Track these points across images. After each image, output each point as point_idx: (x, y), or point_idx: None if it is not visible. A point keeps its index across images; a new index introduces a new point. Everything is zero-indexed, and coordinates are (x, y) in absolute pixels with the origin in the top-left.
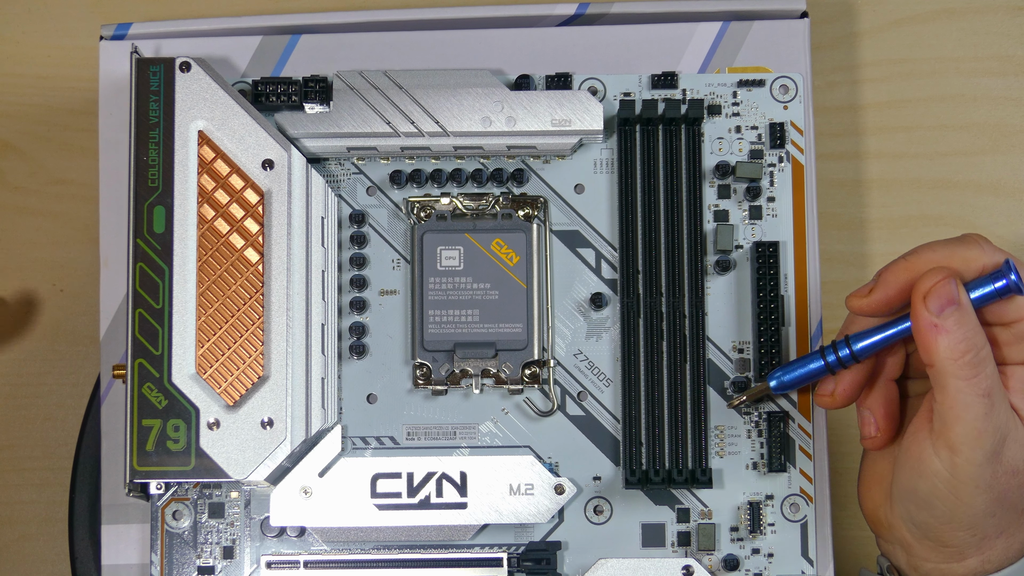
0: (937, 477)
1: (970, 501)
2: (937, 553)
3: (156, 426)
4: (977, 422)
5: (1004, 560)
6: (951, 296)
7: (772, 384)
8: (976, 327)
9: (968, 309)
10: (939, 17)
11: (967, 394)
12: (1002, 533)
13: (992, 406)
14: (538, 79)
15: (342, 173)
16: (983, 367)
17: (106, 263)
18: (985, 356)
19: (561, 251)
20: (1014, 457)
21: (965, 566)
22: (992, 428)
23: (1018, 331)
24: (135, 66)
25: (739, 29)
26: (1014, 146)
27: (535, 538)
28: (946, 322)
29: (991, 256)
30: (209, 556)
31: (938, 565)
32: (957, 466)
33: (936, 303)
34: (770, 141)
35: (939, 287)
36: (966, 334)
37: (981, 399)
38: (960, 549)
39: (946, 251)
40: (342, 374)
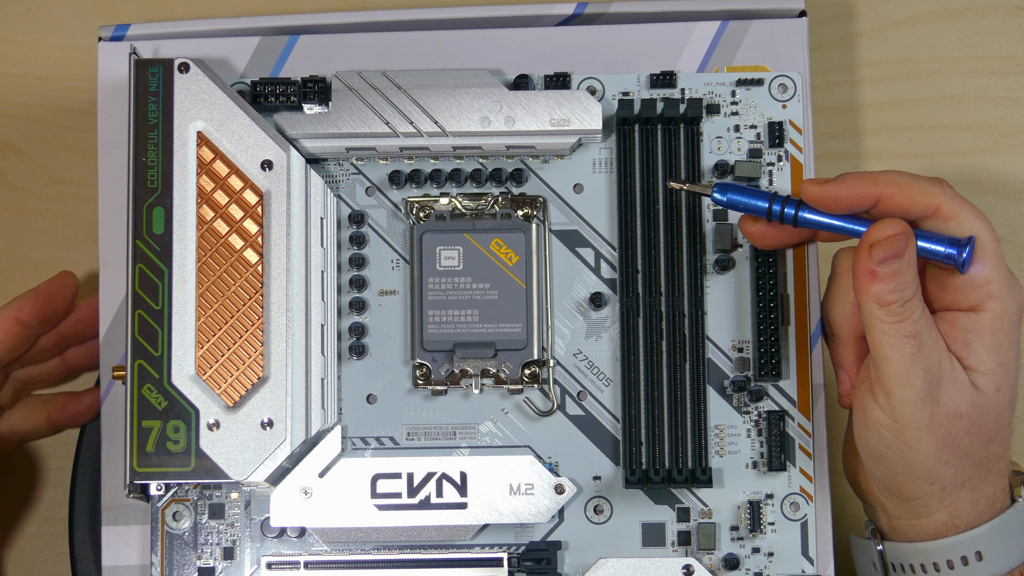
0: (880, 424)
1: (916, 445)
2: (904, 509)
3: (156, 427)
4: (904, 361)
5: (973, 516)
6: (897, 251)
7: (715, 193)
8: (911, 279)
9: (910, 263)
10: (939, 17)
11: (892, 335)
12: (963, 484)
13: (920, 347)
14: (537, 79)
15: (341, 173)
16: (909, 313)
17: (106, 264)
18: (914, 305)
19: (560, 251)
20: (953, 400)
21: (934, 520)
22: (921, 368)
23: (967, 277)
24: (134, 67)
25: (737, 28)
26: (1014, 146)
27: (535, 538)
28: (883, 270)
29: (949, 203)
30: (209, 557)
31: (910, 522)
32: (894, 409)
33: (881, 253)
34: (769, 140)
35: (890, 241)
36: (898, 285)
37: (907, 340)
38: (924, 501)
39: (909, 179)
40: (342, 374)
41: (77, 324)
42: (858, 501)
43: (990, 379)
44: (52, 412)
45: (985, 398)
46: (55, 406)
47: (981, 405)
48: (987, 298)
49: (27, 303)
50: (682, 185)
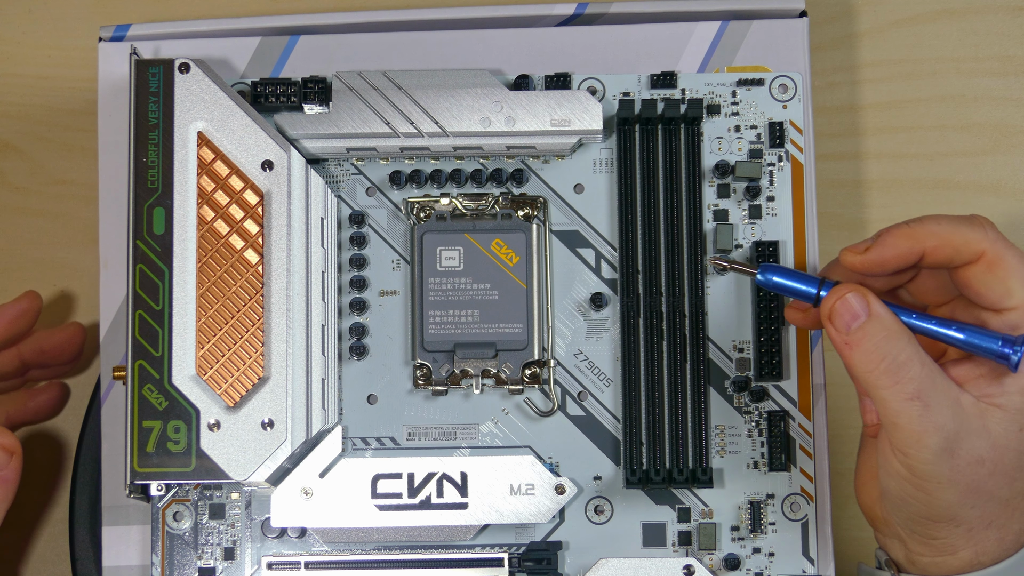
0: (900, 476)
1: (939, 496)
2: (928, 547)
3: (156, 427)
4: (912, 425)
5: (999, 552)
6: (854, 313)
7: (759, 276)
8: (891, 333)
9: (879, 317)
10: (939, 17)
11: (893, 401)
12: (990, 524)
13: (926, 407)
14: (537, 79)
15: (341, 174)
16: (903, 372)
17: (106, 264)
18: (905, 360)
19: (561, 251)
20: (973, 448)
21: (959, 559)
22: (932, 428)
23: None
24: (134, 67)
25: (738, 28)
26: (1014, 146)
27: (536, 538)
28: (853, 337)
29: (992, 245)
30: (210, 557)
31: (933, 559)
32: (912, 467)
33: (840, 321)
34: (769, 140)
35: (839, 306)
36: (876, 344)
37: (910, 403)
38: (949, 542)
39: (949, 227)
40: (342, 375)
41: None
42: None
43: (1014, 418)
44: (11, 412)
45: (1006, 437)
46: (14, 405)
47: (1002, 445)
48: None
49: None
50: (726, 264)
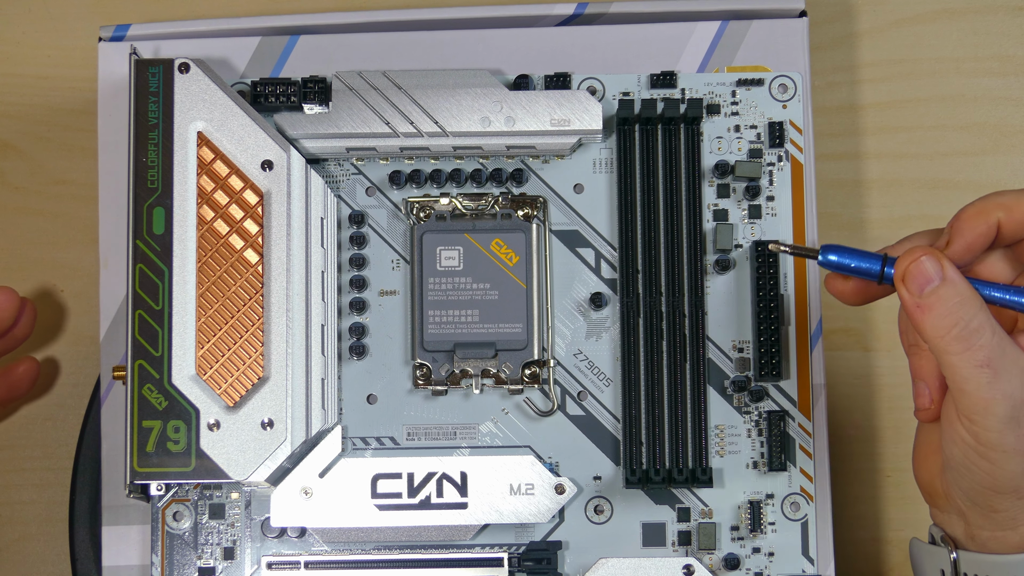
0: (966, 443)
1: (1004, 465)
2: (989, 520)
3: (156, 427)
4: (981, 392)
5: None
6: (928, 276)
7: (820, 257)
8: (964, 299)
9: (953, 282)
10: (939, 17)
11: (963, 367)
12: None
13: (995, 374)
14: (537, 79)
15: (341, 174)
16: (975, 339)
17: (106, 264)
18: (977, 326)
19: (561, 251)
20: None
21: (1019, 533)
22: (1001, 396)
23: None
24: (134, 67)
25: (738, 28)
26: (1014, 146)
27: (536, 538)
28: (927, 300)
29: None
30: (210, 557)
31: (994, 533)
32: (977, 434)
33: (914, 285)
34: (769, 140)
35: (913, 268)
36: (950, 309)
37: (979, 370)
38: (1011, 515)
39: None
40: (342, 375)
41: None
42: (858, 501)
43: None
44: None
45: None
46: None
47: None
48: None
49: None
50: (786, 249)
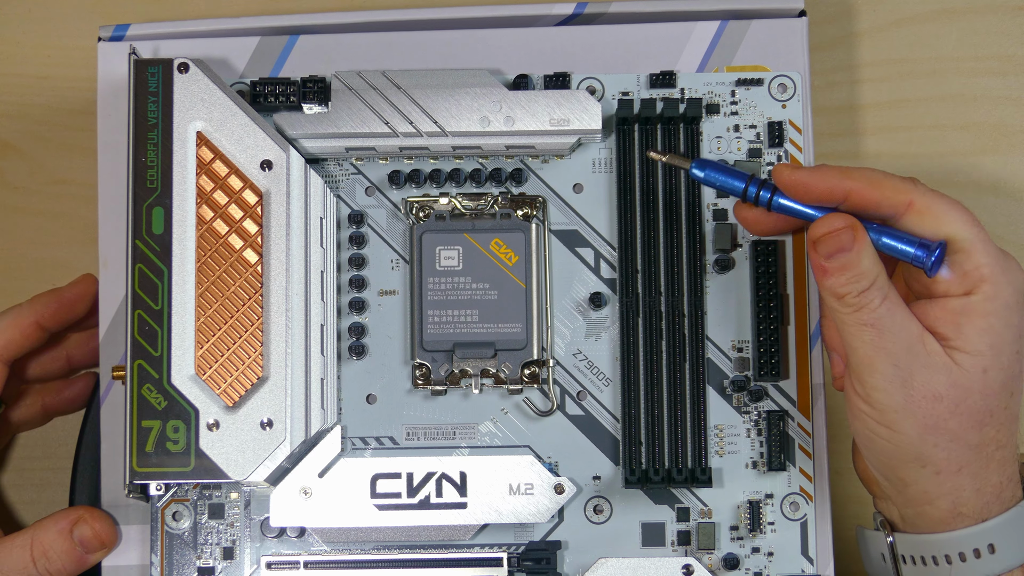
0: (863, 412)
1: (897, 428)
2: (905, 496)
3: (156, 427)
4: (866, 348)
5: (979, 505)
6: (843, 245)
7: (693, 168)
8: (866, 269)
9: (861, 254)
10: (939, 17)
11: (851, 325)
12: (961, 469)
13: (880, 333)
14: (536, 79)
15: (341, 173)
16: (865, 301)
17: (105, 264)
18: (871, 294)
19: (560, 251)
20: (928, 381)
21: (937, 508)
22: (884, 353)
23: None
24: (133, 67)
25: (737, 28)
26: (1014, 146)
27: (535, 538)
28: (832, 265)
29: (922, 199)
30: (209, 557)
31: (915, 509)
32: (868, 396)
33: (825, 248)
34: (768, 140)
35: (831, 236)
36: (850, 277)
37: (865, 328)
38: (921, 487)
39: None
40: (341, 374)
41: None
42: (858, 501)
43: (977, 360)
44: (47, 399)
45: (968, 377)
46: (49, 393)
47: (963, 385)
48: (979, 281)
49: (49, 307)
50: (661, 156)
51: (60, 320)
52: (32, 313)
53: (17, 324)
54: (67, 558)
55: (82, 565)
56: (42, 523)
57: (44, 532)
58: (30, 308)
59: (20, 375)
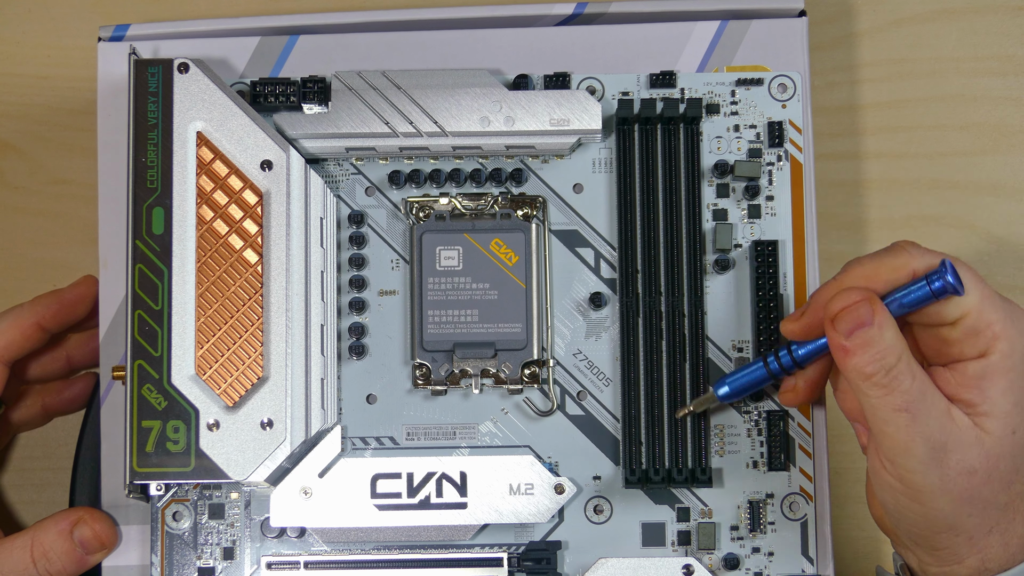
0: (893, 488)
1: (932, 505)
2: (934, 557)
3: (156, 427)
4: (899, 435)
5: (1005, 558)
6: (859, 320)
7: (719, 392)
8: (890, 345)
9: (883, 327)
10: (939, 17)
11: (883, 410)
12: (992, 530)
13: (914, 418)
14: (536, 79)
15: (341, 173)
16: (897, 383)
17: (105, 264)
18: (900, 372)
19: (560, 251)
20: (963, 459)
21: (966, 567)
22: (920, 438)
23: (966, 327)
24: (133, 67)
25: (737, 28)
26: (1014, 146)
27: (535, 538)
28: (853, 343)
29: (921, 260)
30: (209, 557)
31: (941, 569)
32: (901, 477)
33: (844, 326)
34: (768, 140)
35: (848, 311)
36: (875, 355)
37: (898, 414)
38: (953, 551)
39: (873, 264)
40: (342, 375)
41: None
42: (858, 501)
43: (1006, 422)
44: (47, 400)
45: (1000, 445)
46: (50, 393)
47: (995, 453)
48: (993, 340)
49: (50, 308)
50: (689, 409)
51: (61, 321)
52: (33, 314)
53: (18, 325)
54: (67, 559)
55: (82, 566)
56: (42, 524)
57: (44, 533)
58: (31, 309)
59: (20, 376)
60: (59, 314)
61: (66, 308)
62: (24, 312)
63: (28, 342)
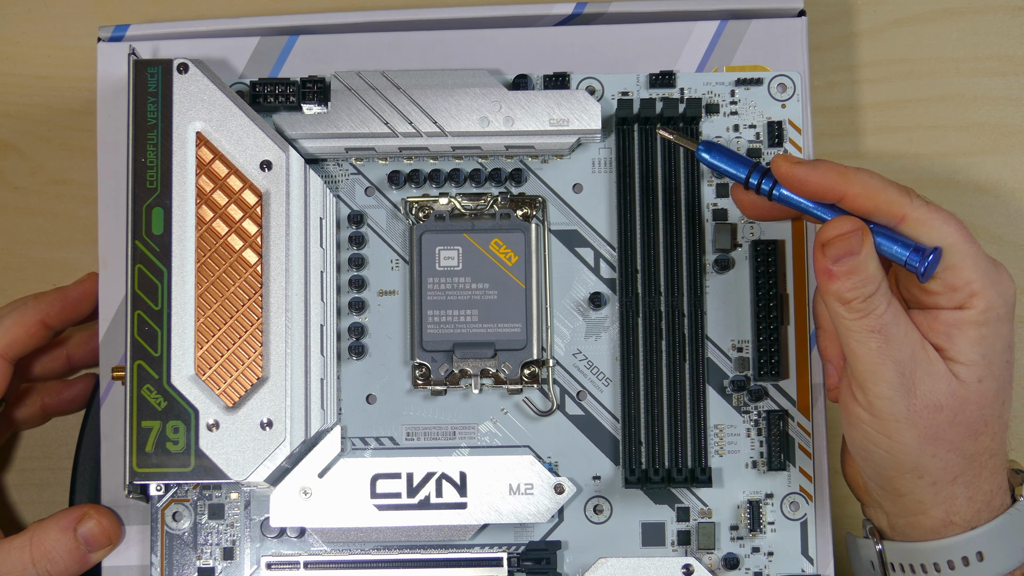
0: (861, 421)
1: (897, 438)
2: (899, 506)
3: (155, 427)
4: (872, 355)
5: (971, 513)
6: (851, 249)
7: (700, 148)
8: (872, 274)
9: (867, 259)
10: (939, 17)
11: (857, 331)
12: (956, 479)
13: (887, 340)
14: (536, 79)
15: (340, 174)
16: (872, 307)
17: (105, 265)
18: (876, 300)
19: (560, 251)
20: (931, 391)
21: (930, 517)
22: (891, 361)
23: (945, 281)
24: (133, 68)
25: (737, 28)
26: (1014, 146)
27: (535, 538)
28: (839, 268)
29: (916, 212)
30: (209, 557)
31: (907, 519)
32: (871, 403)
33: (834, 252)
34: (768, 140)
35: (841, 240)
36: (857, 282)
37: (872, 335)
38: (916, 497)
39: (879, 182)
40: (341, 375)
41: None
42: (857, 501)
43: (972, 370)
44: (46, 399)
45: (966, 388)
46: (48, 393)
47: (962, 395)
48: (970, 296)
49: (55, 306)
50: (670, 135)
51: (65, 319)
52: (37, 311)
53: (22, 322)
54: (70, 558)
55: (84, 565)
56: (42, 524)
57: (45, 532)
58: (35, 306)
59: (21, 374)
60: (63, 311)
61: (70, 305)
62: (28, 309)
63: (32, 339)
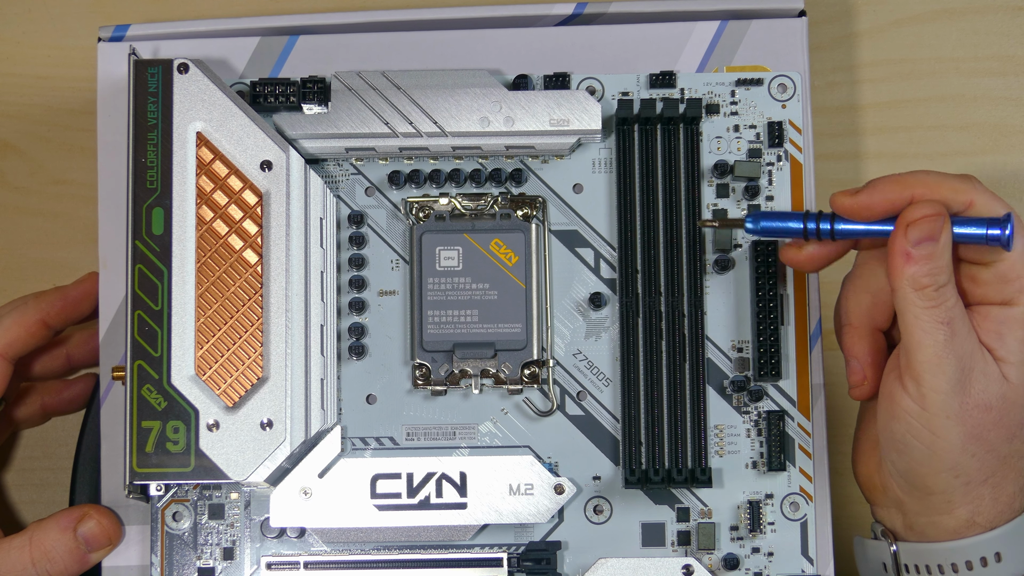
0: (909, 413)
1: (944, 434)
2: (926, 504)
3: (155, 427)
4: (937, 347)
5: (993, 514)
6: (933, 233)
7: (748, 223)
8: (946, 265)
9: (945, 247)
10: (939, 17)
11: (926, 321)
12: (987, 480)
13: (953, 334)
14: (536, 79)
15: (340, 174)
16: (943, 299)
17: (105, 265)
18: (948, 291)
19: (560, 251)
20: (983, 391)
21: (955, 517)
22: (954, 356)
23: (997, 272)
24: (133, 68)
25: (737, 28)
26: (1014, 146)
27: (535, 538)
28: (918, 252)
29: (982, 196)
30: (209, 557)
31: (931, 519)
32: (924, 396)
33: (916, 234)
34: (768, 140)
35: (925, 221)
36: (933, 269)
37: (940, 326)
38: (947, 496)
39: (939, 178)
40: (341, 375)
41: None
42: (858, 501)
43: (1020, 370)
44: (46, 399)
45: (1015, 391)
46: (48, 392)
47: (1011, 398)
48: (1020, 291)
49: (55, 305)
50: (714, 224)
51: (65, 318)
52: (37, 311)
53: (23, 322)
54: (70, 558)
55: (84, 565)
56: (41, 524)
57: (45, 532)
58: (35, 306)
59: (21, 373)
60: (63, 311)
61: (70, 305)
62: (28, 308)
63: (32, 339)
